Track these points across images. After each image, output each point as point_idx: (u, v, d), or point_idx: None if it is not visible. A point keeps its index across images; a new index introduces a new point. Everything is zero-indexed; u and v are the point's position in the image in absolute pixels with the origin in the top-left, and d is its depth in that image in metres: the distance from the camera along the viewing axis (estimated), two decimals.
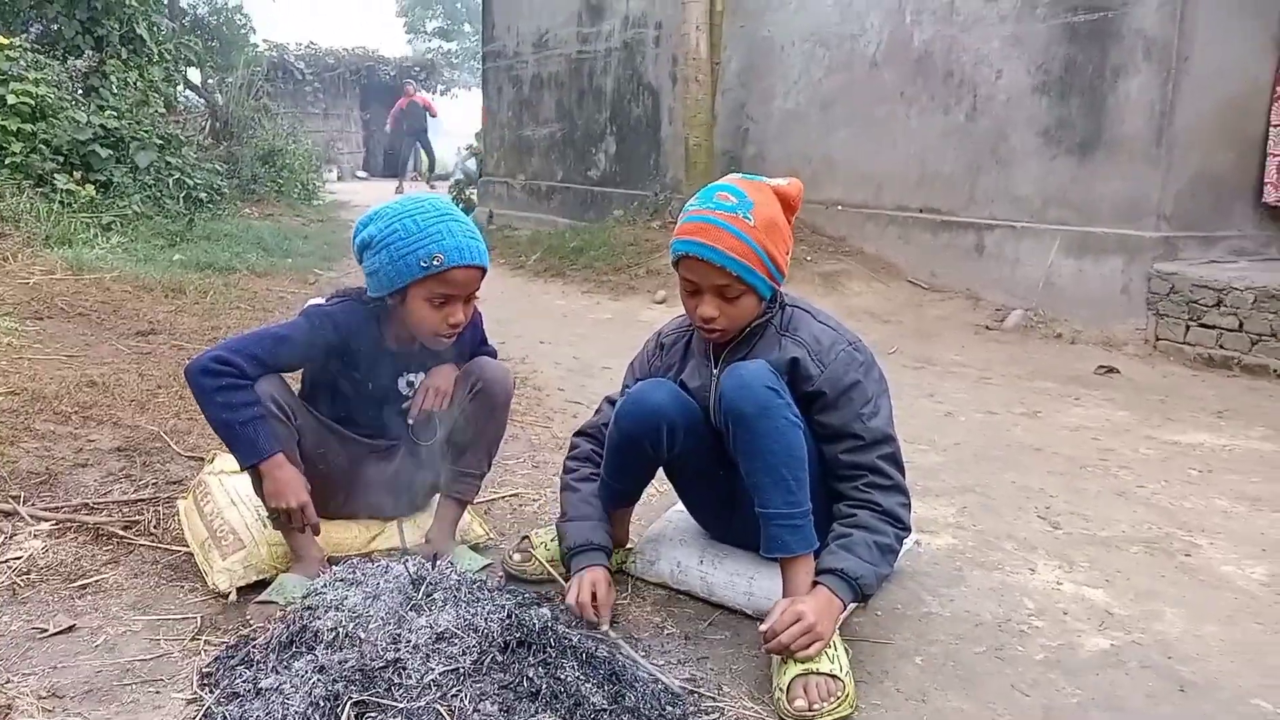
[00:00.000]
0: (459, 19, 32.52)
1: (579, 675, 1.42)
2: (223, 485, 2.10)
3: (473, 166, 12.85)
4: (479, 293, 1.93)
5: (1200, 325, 4.53)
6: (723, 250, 1.67)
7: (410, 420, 2.01)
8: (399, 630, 1.42)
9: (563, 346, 4.66)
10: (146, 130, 7.38)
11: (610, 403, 2.04)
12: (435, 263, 1.80)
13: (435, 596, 1.51)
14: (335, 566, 1.65)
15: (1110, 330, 4.87)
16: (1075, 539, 2.35)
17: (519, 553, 2.03)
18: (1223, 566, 2.21)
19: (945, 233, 5.81)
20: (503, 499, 2.50)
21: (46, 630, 1.68)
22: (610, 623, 1.74)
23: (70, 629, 1.70)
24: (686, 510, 2.08)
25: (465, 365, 2.03)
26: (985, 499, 2.63)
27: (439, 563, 1.63)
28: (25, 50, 6.76)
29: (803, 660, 1.54)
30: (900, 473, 1.77)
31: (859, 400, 1.74)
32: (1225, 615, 1.95)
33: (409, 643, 1.40)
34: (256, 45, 17.08)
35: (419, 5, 32.36)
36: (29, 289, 4.31)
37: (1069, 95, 5.10)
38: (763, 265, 1.70)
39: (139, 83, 8.29)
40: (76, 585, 1.86)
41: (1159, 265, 4.73)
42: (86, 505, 2.24)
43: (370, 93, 21.18)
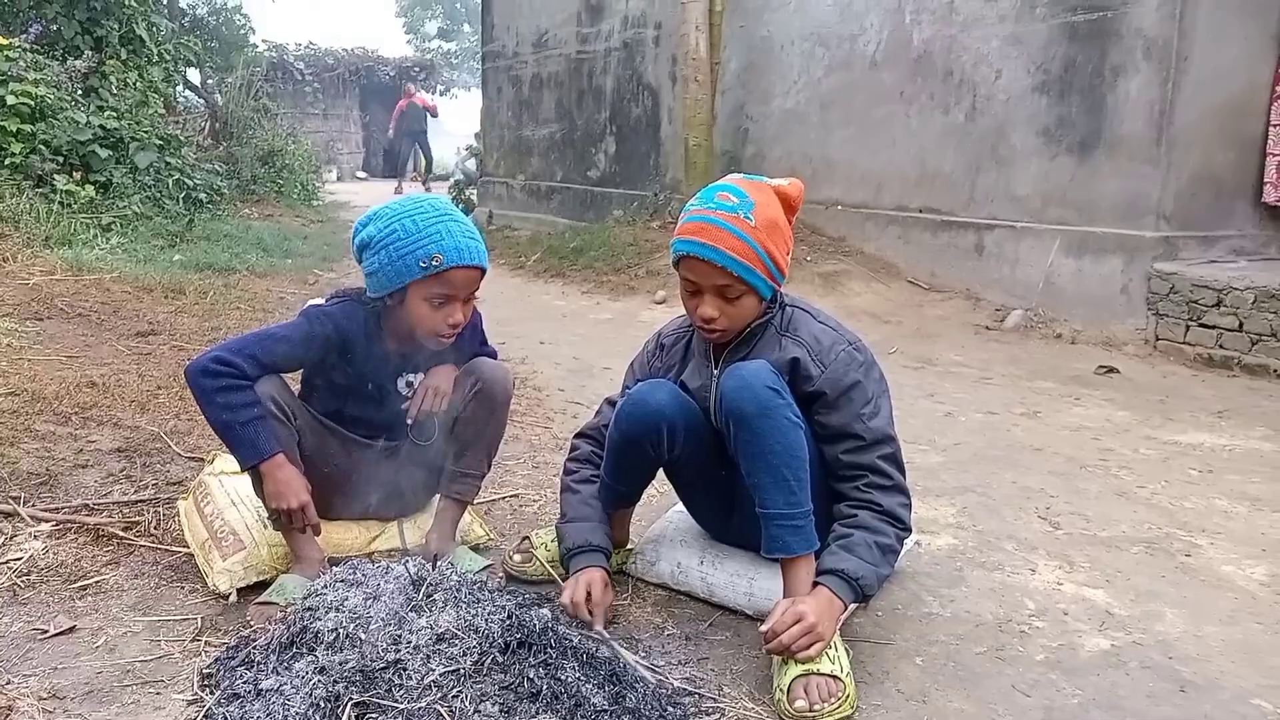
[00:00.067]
0: (458, 19, 32.55)
1: (580, 676, 1.42)
2: (223, 486, 2.10)
3: (472, 167, 12.85)
4: (479, 293, 1.94)
5: (1200, 325, 4.53)
6: (724, 250, 1.67)
7: (409, 420, 2.02)
8: (399, 631, 1.42)
9: (563, 347, 4.65)
10: (146, 131, 7.37)
11: (610, 404, 2.04)
12: (434, 263, 1.80)
13: (435, 597, 1.51)
14: (335, 567, 1.64)
15: (1110, 330, 4.87)
16: (1075, 539, 2.35)
17: (519, 553, 2.03)
18: (1223, 567, 2.21)
19: (945, 233, 5.81)
20: (503, 500, 2.50)
21: (47, 631, 1.68)
22: (606, 623, 1.73)
23: (71, 630, 1.70)
24: (687, 511, 2.08)
25: (465, 366, 2.03)
26: (985, 499, 2.63)
27: (439, 563, 1.63)
28: (25, 51, 6.75)
29: (803, 661, 1.54)
30: (901, 473, 1.77)
31: (859, 400, 1.74)
32: (1226, 615, 1.95)
33: (409, 644, 1.40)
34: (256, 45, 17.08)
35: (418, 5, 32.39)
36: (29, 290, 4.31)
37: (1069, 95, 5.10)
38: (763, 265, 1.70)
39: (138, 83, 8.29)
40: (77, 586, 1.86)
41: (1159, 265, 4.73)
42: (87, 506, 2.23)
43: (370, 93, 21.18)
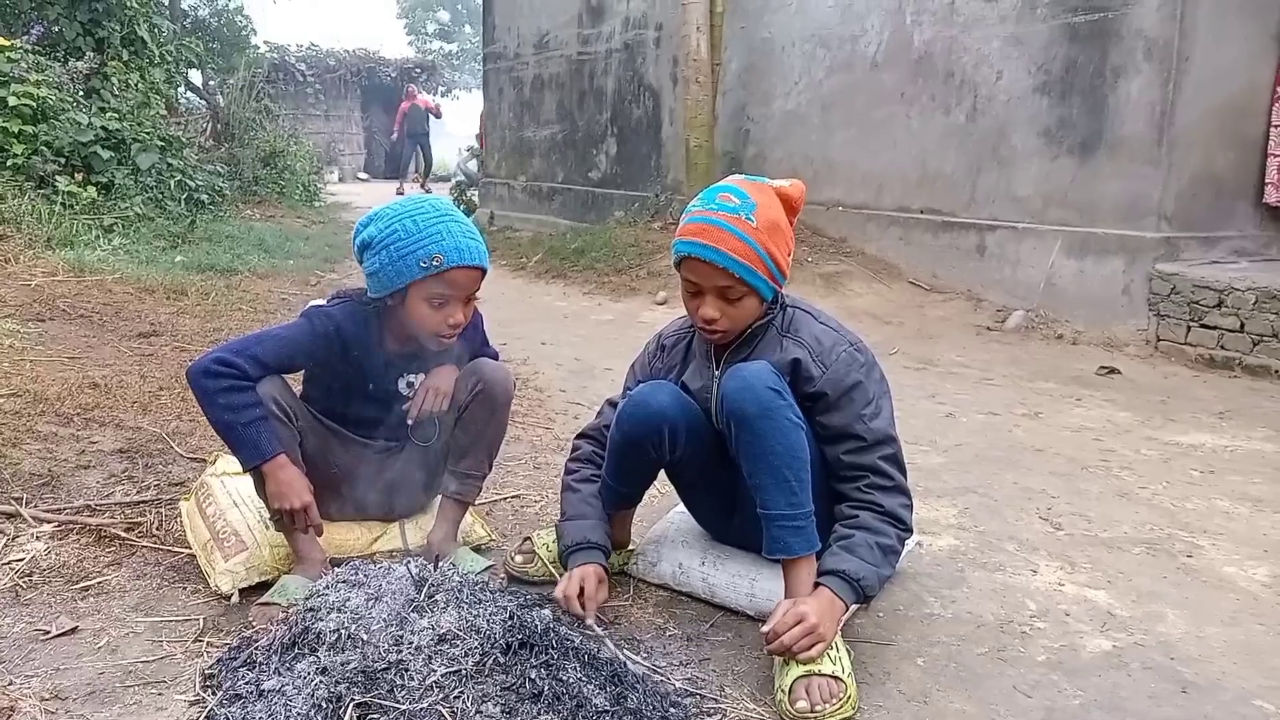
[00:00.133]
0: (460, 20, 32.59)
1: (581, 677, 1.42)
2: (225, 487, 2.10)
3: (474, 168, 12.86)
4: (479, 294, 1.94)
5: (1201, 326, 4.53)
6: (725, 252, 1.67)
7: (410, 421, 2.02)
8: (401, 632, 1.42)
9: (564, 348, 4.66)
10: (148, 132, 7.38)
11: (611, 405, 2.04)
12: (435, 263, 1.81)
13: (437, 598, 1.51)
14: (337, 568, 1.65)
15: (1111, 331, 4.87)
16: (1077, 540, 2.35)
17: (521, 554, 2.03)
18: (1225, 568, 2.21)
19: (946, 234, 5.80)
20: (504, 500, 2.50)
21: (49, 632, 1.69)
22: (602, 621, 1.72)
23: (73, 631, 1.70)
24: (688, 512, 2.08)
25: (466, 367, 2.03)
26: (987, 500, 2.63)
27: (441, 564, 1.63)
28: (26, 52, 6.76)
29: (805, 661, 1.54)
30: (902, 474, 1.77)
31: (860, 401, 1.74)
32: (1227, 616, 1.95)
33: (411, 644, 1.40)
34: (257, 47, 17.14)
35: (420, 7, 32.43)
36: (31, 291, 4.31)
37: (1069, 95, 5.10)
38: (765, 267, 1.70)
39: (140, 84, 8.30)
40: (79, 587, 1.86)
41: (1160, 266, 4.73)
42: (89, 507, 2.24)
43: (371, 94, 21.19)
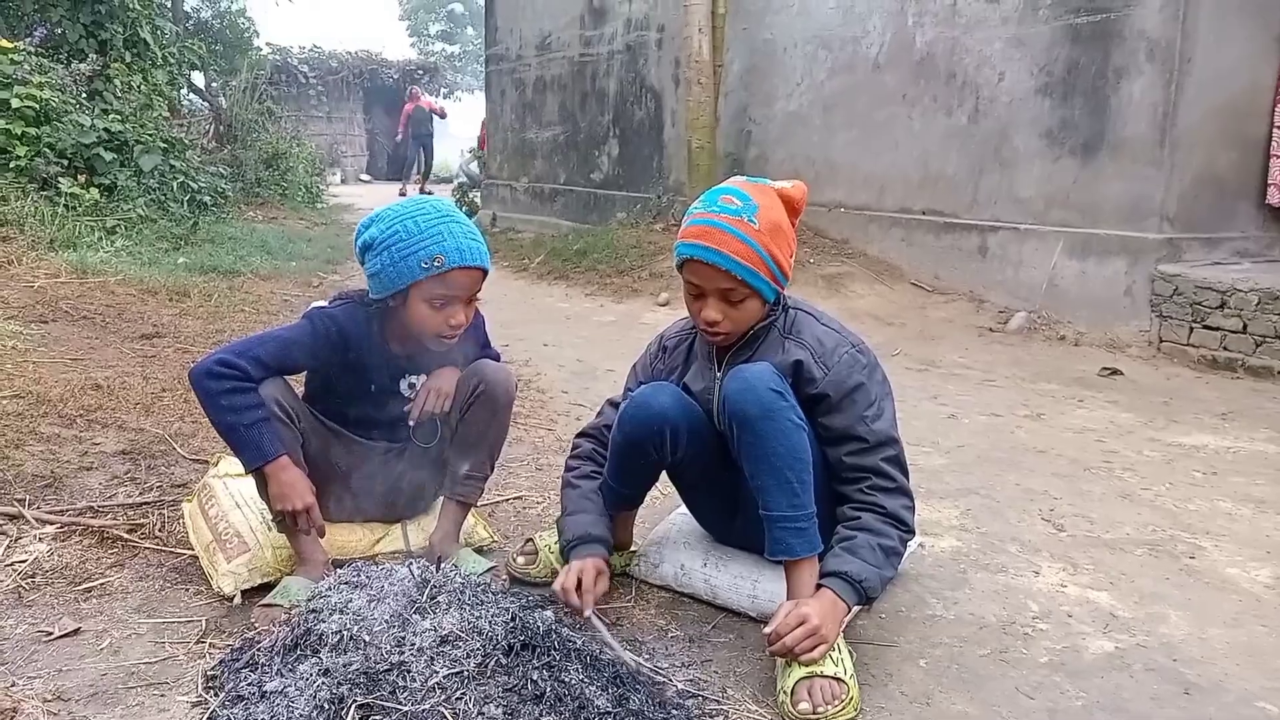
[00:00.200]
0: (461, 22, 32.63)
1: (583, 678, 1.42)
2: (227, 488, 2.11)
3: (476, 170, 12.86)
4: (481, 295, 1.94)
5: (1204, 327, 4.52)
6: (727, 254, 1.67)
7: (412, 422, 2.02)
8: (403, 633, 1.42)
9: (566, 349, 4.66)
10: (150, 134, 7.39)
11: (612, 404, 2.04)
12: (436, 264, 1.81)
13: (439, 599, 1.51)
14: (339, 569, 1.65)
15: (1114, 332, 4.86)
16: (1079, 541, 2.35)
17: (523, 555, 2.03)
18: (1227, 569, 2.20)
19: (948, 235, 5.80)
20: (506, 502, 2.50)
21: (52, 633, 1.69)
22: (600, 617, 1.72)
23: (75, 632, 1.70)
24: (690, 513, 2.08)
25: (468, 368, 2.03)
26: (989, 501, 2.63)
27: (443, 565, 1.63)
28: (29, 54, 6.77)
29: (807, 663, 1.54)
30: (904, 475, 1.77)
31: (862, 403, 1.74)
32: (1230, 618, 1.95)
33: (413, 646, 1.40)
34: (260, 48, 17.16)
35: (422, 8, 32.47)
36: (34, 292, 4.31)
37: (1072, 97, 5.10)
38: (767, 269, 1.70)
39: (143, 86, 8.32)
40: (81, 588, 1.87)
41: (1162, 267, 4.73)
42: (91, 508, 2.24)
43: (373, 96, 21.21)
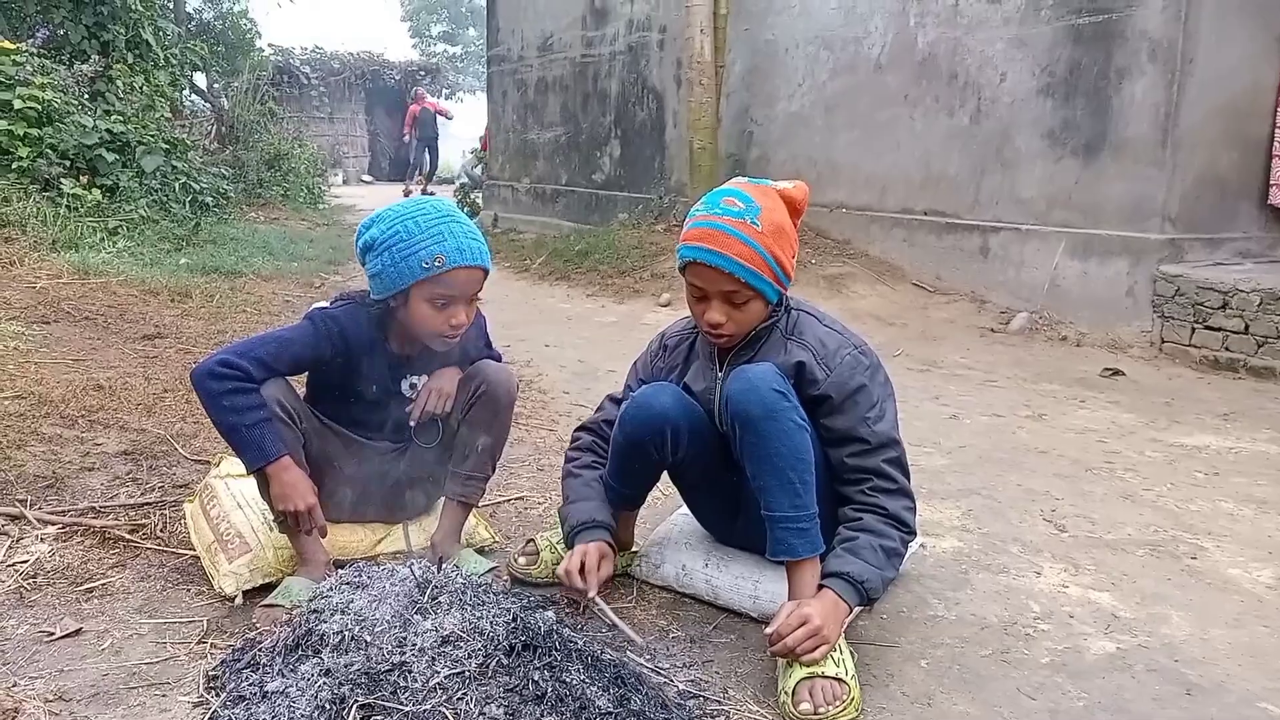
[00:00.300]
0: (463, 23, 32.64)
1: (584, 679, 1.42)
2: (229, 489, 2.11)
3: (478, 171, 12.87)
4: (482, 296, 1.94)
5: (1206, 328, 4.52)
6: (731, 257, 1.67)
7: (412, 423, 2.02)
8: (404, 633, 1.42)
9: (567, 350, 4.66)
10: (153, 135, 7.39)
11: (612, 400, 2.04)
12: (437, 264, 1.81)
13: (440, 600, 1.51)
14: (341, 570, 1.65)
15: (1115, 333, 4.86)
16: (1081, 542, 2.35)
17: (524, 556, 2.03)
18: (1229, 569, 2.20)
19: (950, 235, 5.80)
20: (508, 502, 2.50)
21: (53, 634, 1.69)
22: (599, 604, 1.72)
23: (77, 632, 1.70)
24: (691, 513, 2.08)
25: (469, 369, 2.03)
26: (990, 502, 2.63)
27: (444, 566, 1.63)
28: (32, 55, 6.78)
29: (808, 663, 1.54)
30: (905, 476, 1.77)
31: (864, 404, 1.73)
32: (1232, 618, 1.95)
33: (414, 646, 1.40)
34: (262, 49, 17.16)
35: (424, 9, 32.49)
36: (36, 293, 4.32)
37: (1073, 97, 5.09)
38: (770, 270, 1.70)
39: (145, 87, 8.33)
40: (83, 589, 1.87)
41: (1164, 267, 4.72)
42: (93, 509, 2.24)
43: (375, 97, 21.21)
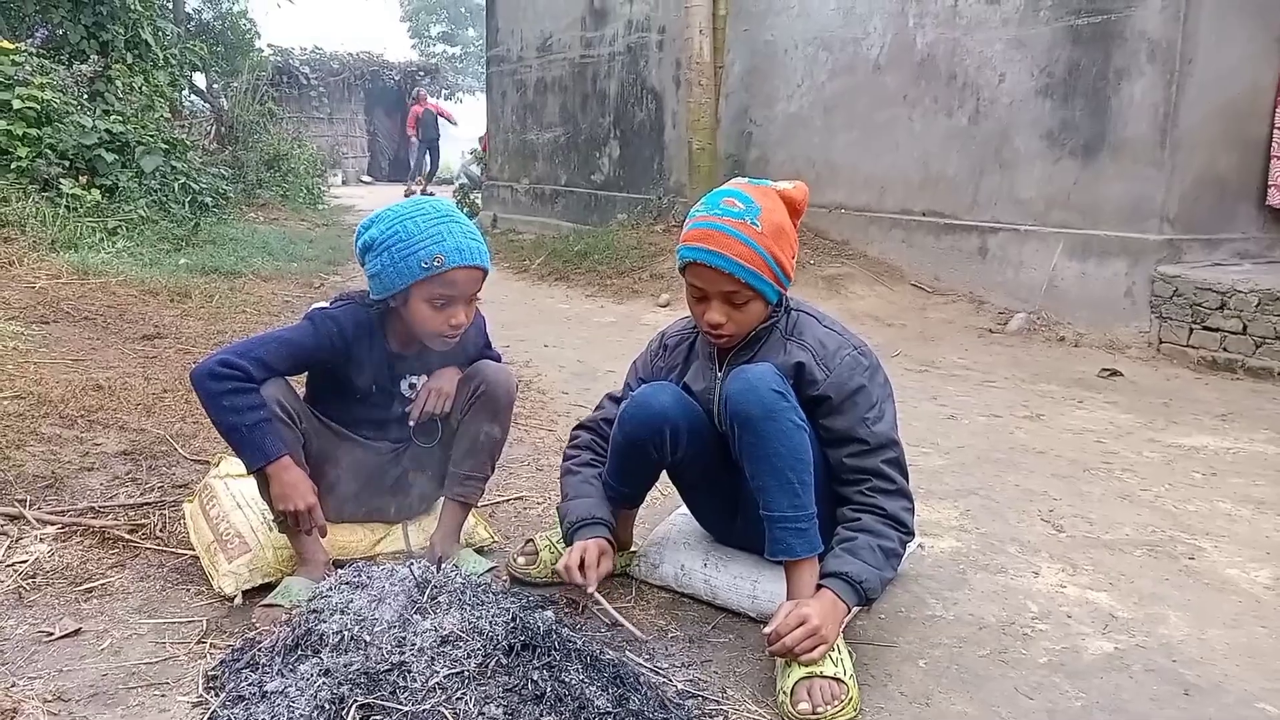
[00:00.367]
0: (462, 23, 32.65)
1: (583, 678, 1.42)
2: (228, 488, 2.11)
3: (477, 171, 12.87)
4: (481, 296, 1.94)
5: (1204, 328, 4.52)
6: (731, 257, 1.68)
7: (412, 422, 2.02)
8: (404, 633, 1.42)
9: (566, 350, 4.66)
10: (152, 135, 7.39)
11: (611, 399, 2.04)
12: (436, 264, 1.81)
13: (440, 600, 1.51)
14: (340, 570, 1.65)
15: (1114, 333, 4.87)
16: (1079, 542, 2.35)
17: (523, 556, 2.03)
18: (1227, 570, 2.20)
19: (948, 236, 5.81)
20: (507, 502, 2.51)
21: (52, 634, 1.69)
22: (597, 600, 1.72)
23: (76, 632, 1.70)
24: (690, 513, 2.09)
25: (468, 369, 2.03)
26: (988, 502, 2.63)
27: (444, 566, 1.63)
28: (31, 55, 6.78)
29: (807, 663, 1.54)
30: (904, 477, 1.77)
31: (864, 405, 1.74)
32: (1230, 619, 1.95)
33: (414, 646, 1.40)
34: (261, 50, 17.16)
35: (423, 10, 32.49)
36: (35, 293, 4.32)
37: (1072, 98, 5.10)
38: (770, 271, 1.70)
39: (144, 87, 8.32)
40: (82, 589, 1.87)
41: (1162, 268, 4.73)
42: (92, 509, 2.24)
43: (375, 97, 21.20)
